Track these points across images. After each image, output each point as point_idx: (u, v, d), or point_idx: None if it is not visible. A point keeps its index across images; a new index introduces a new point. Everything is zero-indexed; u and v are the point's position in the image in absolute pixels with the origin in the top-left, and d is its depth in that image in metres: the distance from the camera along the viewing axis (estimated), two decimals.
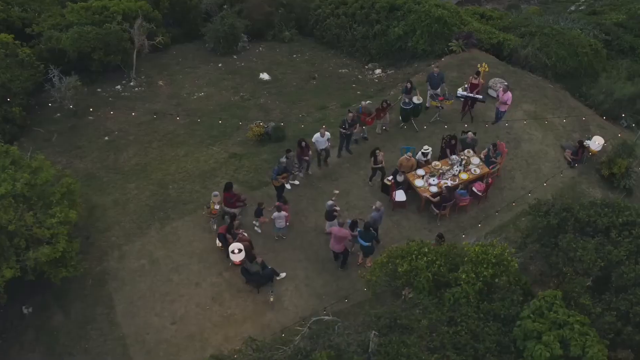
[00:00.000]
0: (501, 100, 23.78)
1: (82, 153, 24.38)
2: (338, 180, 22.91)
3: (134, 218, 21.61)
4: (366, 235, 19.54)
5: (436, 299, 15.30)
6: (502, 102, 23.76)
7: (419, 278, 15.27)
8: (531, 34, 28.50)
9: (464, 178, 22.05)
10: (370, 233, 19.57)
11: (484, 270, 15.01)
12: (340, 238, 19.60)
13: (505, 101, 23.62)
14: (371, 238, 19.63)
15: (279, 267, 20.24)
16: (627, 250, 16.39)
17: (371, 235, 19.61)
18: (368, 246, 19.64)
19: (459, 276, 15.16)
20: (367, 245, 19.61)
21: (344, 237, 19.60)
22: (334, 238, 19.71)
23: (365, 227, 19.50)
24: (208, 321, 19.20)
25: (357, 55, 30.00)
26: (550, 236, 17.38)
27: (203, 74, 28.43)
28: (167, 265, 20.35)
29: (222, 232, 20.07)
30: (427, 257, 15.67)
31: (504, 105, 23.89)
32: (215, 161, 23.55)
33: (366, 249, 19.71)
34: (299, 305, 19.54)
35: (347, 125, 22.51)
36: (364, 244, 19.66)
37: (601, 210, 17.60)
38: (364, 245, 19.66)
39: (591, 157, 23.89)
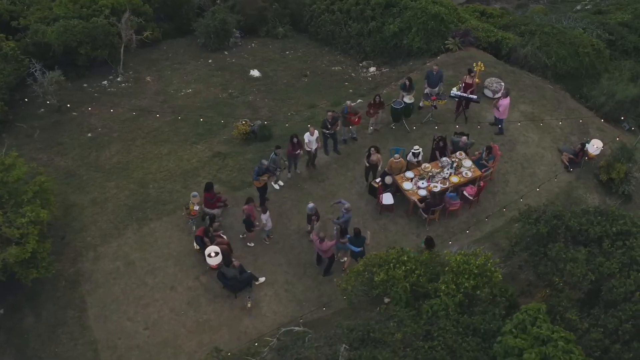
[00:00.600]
0: (495, 104, 22.84)
1: (63, 150, 23.71)
2: (325, 181, 22.12)
3: (111, 218, 20.91)
4: (357, 241, 18.75)
5: (413, 311, 14.47)
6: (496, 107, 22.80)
7: (395, 288, 14.43)
8: (531, 33, 27.55)
9: (455, 181, 21.19)
10: (361, 238, 18.77)
11: (465, 281, 14.16)
12: (324, 251, 18.83)
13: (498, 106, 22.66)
14: (362, 243, 18.83)
15: (258, 272, 19.51)
16: (620, 262, 15.48)
17: (362, 240, 18.81)
18: (360, 251, 18.81)
19: (439, 287, 14.32)
20: (359, 250, 18.79)
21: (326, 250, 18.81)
22: (317, 250, 18.95)
23: (355, 233, 18.69)
24: (182, 327, 18.47)
25: (351, 53, 29.15)
26: (540, 245, 16.49)
27: (192, 70, 27.70)
28: (142, 268, 19.64)
29: (199, 234, 19.32)
30: (405, 266, 14.82)
31: (497, 111, 22.94)
32: (198, 160, 22.81)
33: (359, 254, 18.83)
34: (278, 312, 18.78)
35: (329, 125, 21.69)
36: (355, 250, 18.84)
37: (594, 219, 16.69)
38: (356, 251, 18.84)
39: (589, 161, 22.94)
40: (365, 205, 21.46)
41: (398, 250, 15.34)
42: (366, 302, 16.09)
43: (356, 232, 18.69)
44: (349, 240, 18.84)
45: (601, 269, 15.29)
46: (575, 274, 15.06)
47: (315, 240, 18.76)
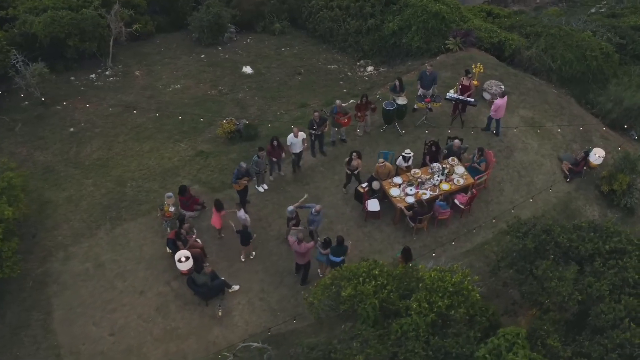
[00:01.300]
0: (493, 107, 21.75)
1: (44, 144, 22.93)
2: (309, 185, 21.12)
3: (84, 217, 20.09)
4: (339, 250, 17.70)
5: (381, 330, 13.42)
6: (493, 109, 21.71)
7: (363, 305, 13.38)
8: (536, 34, 26.35)
9: (445, 189, 20.09)
10: (343, 247, 17.72)
11: (439, 299, 13.08)
12: (302, 254, 17.82)
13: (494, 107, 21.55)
14: (344, 252, 17.79)
15: (232, 279, 18.58)
16: (611, 283, 14.31)
17: (344, 250, 17.77)
18: (342, 261, 17.75)
19: (410, 305, 13.25)
20: (340, 260, 17.73)
21: (306, 252, 17.81)
22: (296, 253, 17.94)
23: (338, 242, 17.65)
24: (149, 334, 17.59)
25: (349, 51, 28.11)
26: (526, 261, 15.36)
27: (183, 65, 26.83)
28: (112, 271, 18.80)
29: (171, 237, 18.43)
30: (376, 280, 13.76)
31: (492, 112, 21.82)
32: (179, 159, 21.92)
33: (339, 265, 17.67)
34: (250, 322, 17.82)
35: (316, 125, 20.68)
36: (336, 260, 17.78)
37: (586, 235, 15.51)
38: (336, 261, 17.77)
39: (590, 171, 21.71)
40: (350, 211, 20.44)
41: (370, 263, 14.27)
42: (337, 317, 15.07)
43: (339, 240, 17.66)
44: (331, 250, 17.79)
45: (590, 290, 14.13)
46: (560, 293, 13.91)
47: (293, 243, 17.75)
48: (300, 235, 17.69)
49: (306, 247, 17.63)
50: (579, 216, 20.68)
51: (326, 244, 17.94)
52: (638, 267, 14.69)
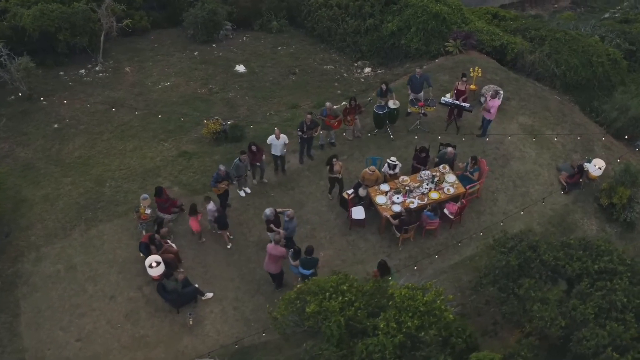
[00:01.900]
0: (485, 107, 20.82)
1: (26, 140, 22.38)
2: (294, 189, 20.34)
3: (60, 217, 19.46)
4: (308, 263, 16.87)
5: (344, 351, 12.58)
6: (486, 110, 20.78)
7: (328, 322, 12.55)
8: (541, 38, 25.31)
9: (434, 198, 19.19)
10: (313, 259, 16.89)
11: (409, 319, 12.21)
12: (275, 257, 17.02)
13: (488, 108, 20.64)
14: (314, 265, 16.95)
15: (206, 286, 17.85)
16: (597, 306, 13.34)
17: (314, 262, 16.94)
18: (312, 273, 16.91)
19: (378, 324, 12.40)
20: (310, 273, 16.88)
21: (279, 257, 17.01)
22: (269, 257, 17.14)
23: (307, 252, 16.82)
24: (116, 341, 16.89)
25: (347, 52, 27.27)
26: (509, 279, 14.44)
27: (175, 62, 26.15)
28: (84, 273, 18.13)
29: (144, 240, 17.72)
30: (344, 296, 12.91)
31: (487, 113, 20.88)
32: (162, 159, 21.24)
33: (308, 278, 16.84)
34: (222, 332, 17.06)
35: (306, 128, 19.88)
36: (305, 273, 16.94)
37: (574, 253, 14.55)
38: (306, 274, 16.93)
39: (590, 182, 20.69)
40: (334, 219, 19.62)
41: (340, 277, 13.42)
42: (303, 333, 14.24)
43: (308, 250, 16.77)
44: (300, 261, 16.96)
45: (574, 314, 13.17)
46: (543, 317, 12.98)
47: (269, 247, 16.94)
48: (277, 237, 16.91)
49: (278, 250, 16.81)
50: (575, 230, 19.71)
51: (296, 254, 17.12)
52: (628, 289, 13.72)
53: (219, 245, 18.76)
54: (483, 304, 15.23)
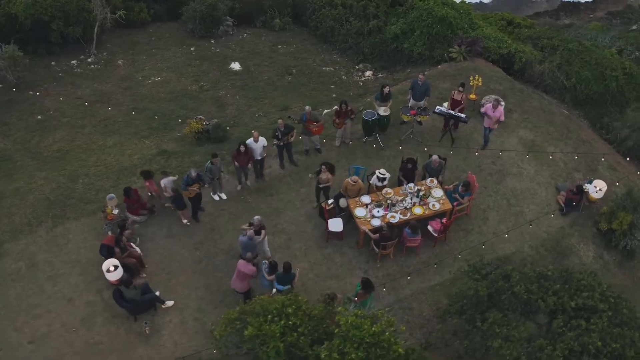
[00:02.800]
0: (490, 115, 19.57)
1: (7, 131, 21.80)
2: (272, 196, 19.35)
3: (28, 212, 18.77)
4: (285, 279, 15.88)
5: None
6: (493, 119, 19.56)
7: (266, 348, 11.53)
8: (552, 48, 23.90)
9: (418, 213, 18.03)
10: (290, 275, 15.90)
11: (353, 350, 11.12)
12: (243, 274, 16.05)
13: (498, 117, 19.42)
14: (290, 281, 15.95)
15: (168, 293, 16.97)
16: (567, 348, 12.06)
17: (291, 278, 15.94)
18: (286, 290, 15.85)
19: (320, 353, 11.34)
20: (284, 289, 15.86)
21: (248, 275, 16.03)
22: (237, 273, 16.18)
23: (284, 269, 15.82)
24: (69, 346, 16.09)
25: (349, 53, 26.19)
26: (477, 310, 13.23)
27: (169, 57, 25.37)
28: (44, 273, 17.40)
29: (106, 243, 16.90)
30: (289, 320, 11.87)
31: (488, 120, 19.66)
32: (140, 157, 20.43)
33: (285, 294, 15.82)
34: (179, 343, 16.14)
35: (280, 134, 18.85)
36: (280, 289, 15.95)
37: (550, 286, 13.26)
38: (280, 290, 15.94)
39: (590, 205, 19.32)
40: (312, 230, 18.59)
41: (288, 299, 12.36)
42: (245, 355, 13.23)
43: (285, 267, 15.81)
44: (276, 277, 15.99)
45: (540, 355, 11.92)
46: (504, 356, 11.76)
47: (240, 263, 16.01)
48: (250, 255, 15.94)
49: (249, 268, 15.85)
50: (570, 255, 18.45)
51: (272, 268, 16.14)
52: (606, 330, 12.42)
53: (186, 250, 17.89)
54: (451, 334, 14.06)
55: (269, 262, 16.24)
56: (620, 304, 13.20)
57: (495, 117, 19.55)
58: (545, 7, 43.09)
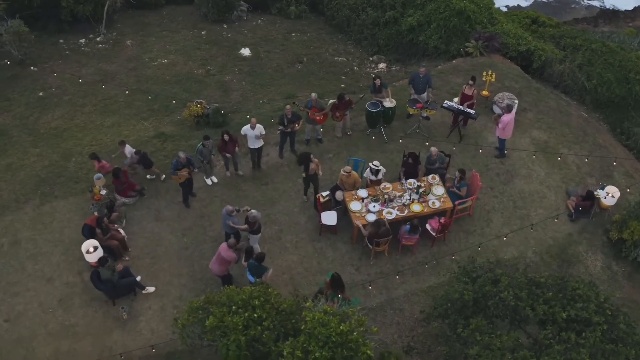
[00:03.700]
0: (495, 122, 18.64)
1: (8, 106, 21.50)
2: (268, 185, 18.66)
3: (17, 188, 18.39)
4: (256, 270, 15.11)
5: None
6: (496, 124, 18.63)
7: (225, 341, 10.82)
8: (575, 48, 22.76)
9: (416, 210, 17.17)
10: (261, 267, 15.15)
11: (317, 349, 10.35)
12: (222, 259, 15.39)
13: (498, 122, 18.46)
14: (261, 274, 15.18)
15: (150, 279, 16.39)
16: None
17: (262, 271, 15.17)
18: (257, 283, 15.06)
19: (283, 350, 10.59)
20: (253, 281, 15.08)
21: (227, 261, 15.37)
22: (216, 256, 15.53)
23: (258, 259, 15.09)
24: (44, 327, 15.61)
25: (364, 44, 25.38)
26: (461, 316, 12.35)
27: (179, 40, 24.84)
28: (27, 250, 16.95)
29: (89, 223, 16.38)
30: (254, 312, 11.13)
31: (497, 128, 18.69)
32: (137, 138, 19.91)
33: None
34: (157, 331, 15.53)
35: (287, 121, 18.15)
36: (251, 280, 15.22)
37: (541, 294, 12.30)
38: (251, 281, 15.21)
39: (601, 212, 18.25)
40: (305, 222, 17.85)
41: (256, 290, 11.63)
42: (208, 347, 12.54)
43: (259, 257, 15.07)
44: (248, 265, 15.28)
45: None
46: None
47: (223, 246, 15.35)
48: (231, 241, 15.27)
49: (229, 254, 15.19)
50: (576, 264, 17.41)
51: (248, 253, 15.45)
52: (597, 346, 11.44)
53: (173, 236, 17.30)
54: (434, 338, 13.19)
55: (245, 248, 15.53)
56: (617, 318, 12.20)
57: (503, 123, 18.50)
58: (584, 14, 41.71)
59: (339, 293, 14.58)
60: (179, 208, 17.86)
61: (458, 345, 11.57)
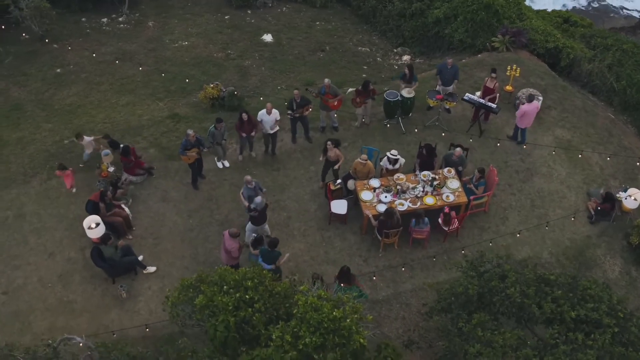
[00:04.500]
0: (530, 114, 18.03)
1: (24, 81, 21.45)
2: (279, 170, 18.26)
3: (26, 162, 18.25)
4: (269, 256, 14.70)
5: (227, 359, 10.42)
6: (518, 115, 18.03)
7: (214, 321, 10.40)
8: (605, 47, 21.96)
9: (429, 203, 16.61)
10: (274, 253, 14.72)
11: (308, 334, 9.87)
12: (227, 249, 15.00)
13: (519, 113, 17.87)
14: (275, 259, 14.76)
15: (153, 259, 16.10)
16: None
17: (276, 256, 14.75)
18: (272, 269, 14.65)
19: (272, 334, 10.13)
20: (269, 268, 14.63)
21: (229, 250, 14.97)
22: (223, 246, 15.15)
23: (270, 245, 14.68)
24: (42, 302, 15.40)
25: (389, 36, 24.83)
26: (465, 310, 11.77)
27: (201, 23, 24.56)
28: (31, 224, 16.78)
29: (93, 199, 16.13)
30: (246, 293, 10.69)
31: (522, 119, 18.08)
32: (150, 118, 19.67)
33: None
34: (155, 312, 15.17)
35: (295, 106, 17.71)
36: (266, 267, 14.75)
37: (550, 292, 11.67)
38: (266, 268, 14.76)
39: (622, 215, 17.49)
40: (315, 210, 17.40)
41: (251, 271, 11.19)
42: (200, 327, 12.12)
43: (272, 242, 14.64)
44: (260, 252, 14.85)
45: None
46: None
47: (225, 235, 14.99)
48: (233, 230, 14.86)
49: (233, 246, 14.80)
50: (594, 268, 16.69)
51: (257, 242, 15.02)
52: (607, 349, 10.79)
53: (179, 217, 16.98)
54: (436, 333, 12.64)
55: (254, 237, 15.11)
56: (630, 321, 11.52)
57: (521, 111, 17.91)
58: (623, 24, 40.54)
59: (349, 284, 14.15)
60: (186, 189, 17.54)
61: (458, 341, 11.01)
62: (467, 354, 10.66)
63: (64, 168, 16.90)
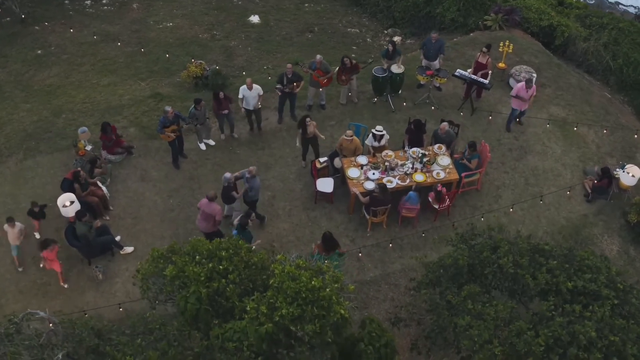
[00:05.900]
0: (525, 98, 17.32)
1: (4, 62, 20.80)
2: (264, 149, 17.63)
3: (1, 142, 17.63)
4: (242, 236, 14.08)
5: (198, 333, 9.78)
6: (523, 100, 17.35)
7: (185, 292, 9.75)
8: (601, 26, 21.35)
9: (419, 180, 15.99)
10: (246, 232, 14.13)
11: (285, 305, 9.23)
12: (207, 215, 14.41)
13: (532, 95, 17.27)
14: (248, 240, 14.13)
15: (131, 239, 15.49)
16: (552, 336, 9.84)
17: (247, 237, 14.12)
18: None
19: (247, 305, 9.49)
20: None
21: (211, 215, 14.38)
22: (201, 214, 14.56)
23: (241, 225, 14.08)
24: (14, 285, 14.79)
25: (379, 17, 24.14)
26: (454, 283, 11.14)
27: (187, 5, 23.87)
28: (5, 205, 16.12)
29: (68, 177, 15.47)
30: (220, 264, 10.04)
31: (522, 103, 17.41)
32: (131, 98, 19.02)
33: None
34: (132, 293, 14.51)
35: (286, 80, 17.08)
36: None
37: (544, 262, 11.04)
38: None
39: (620, 193, 16.88)
40: (300, 189, 16.79)
41: (225, 242, 10.52)
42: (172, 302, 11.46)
43: (242, 223, 14.07)
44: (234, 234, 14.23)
45: (516, 341, 9.72)
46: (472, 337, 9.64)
47: (203, 203, 14.37)
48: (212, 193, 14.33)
49: (214, 208, 14.21)
50: (590, 247, 15.97)
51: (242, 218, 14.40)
52: (605, 321, 10.16)
53: (159, 197, 16.36)
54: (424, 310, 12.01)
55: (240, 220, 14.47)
56: (630, 294, 10.90)
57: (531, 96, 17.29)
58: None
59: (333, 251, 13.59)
60: (167, 169, 16.92)
61: (447, 314, 10.37)
62: (457, 327, 10.03)
63: (47, 245, 14.18)
